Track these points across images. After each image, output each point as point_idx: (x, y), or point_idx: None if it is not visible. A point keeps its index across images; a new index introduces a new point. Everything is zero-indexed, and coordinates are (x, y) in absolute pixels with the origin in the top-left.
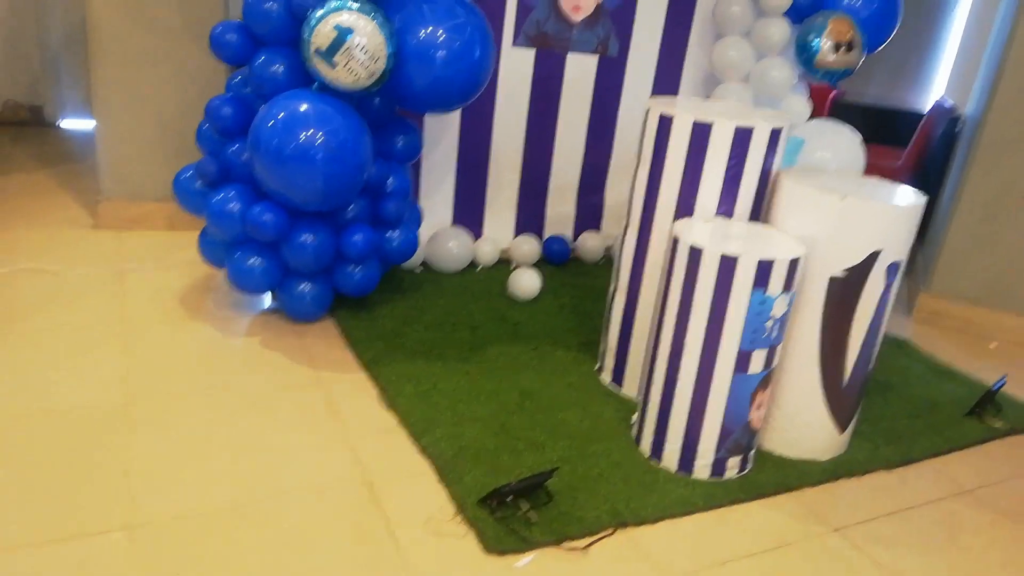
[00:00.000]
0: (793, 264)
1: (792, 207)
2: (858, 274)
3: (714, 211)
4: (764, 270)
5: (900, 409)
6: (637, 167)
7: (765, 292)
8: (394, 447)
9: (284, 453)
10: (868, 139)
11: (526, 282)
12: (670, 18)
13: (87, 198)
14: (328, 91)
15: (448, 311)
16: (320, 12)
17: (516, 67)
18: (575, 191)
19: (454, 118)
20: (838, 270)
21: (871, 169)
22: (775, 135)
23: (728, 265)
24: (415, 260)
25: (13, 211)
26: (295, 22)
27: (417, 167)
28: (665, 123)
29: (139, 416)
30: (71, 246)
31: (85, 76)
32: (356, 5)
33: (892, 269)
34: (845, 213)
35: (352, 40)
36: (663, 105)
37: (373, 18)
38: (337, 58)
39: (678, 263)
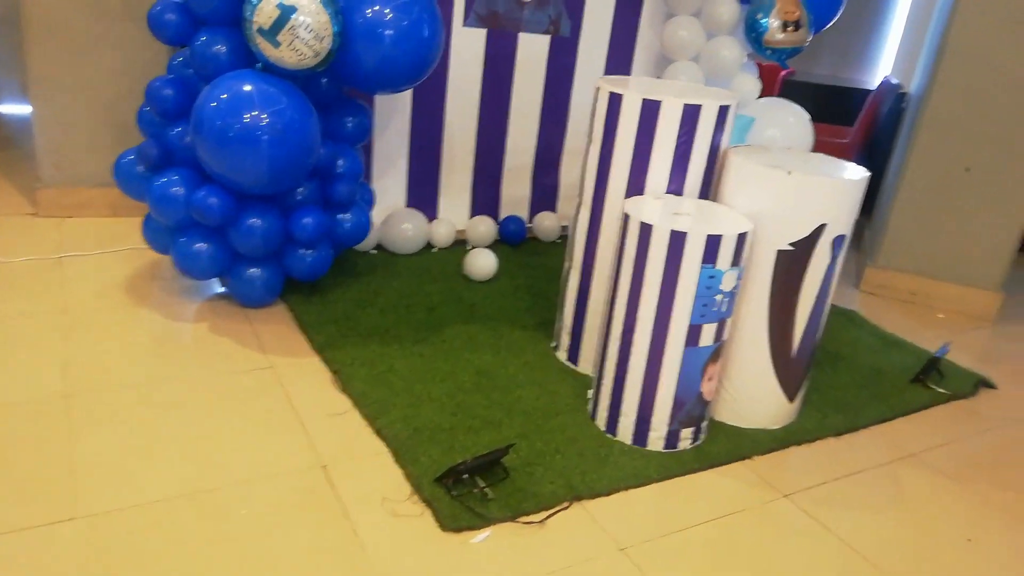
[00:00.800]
0: (741, 238)
1: (740, 183)
2: (804, 247)
3: (664, 189)
4: (713, 245)
5: (848, 378)
6: (588, 146)
7: (714, 267)
8: (348, 430)
9: (235, 440)
10: (817, 117)
11: (482, 262)
12: None
13: (26, 185)
14: (273, 71)
15: (403, 293)
16: None
17: (467, 47)
18: (530, 172)
19: (405, 99)
20: (785, 244)
21: (820, 146)
22: (723, 112)
23: (678, 240)
24: (369, 242)
25: None
26: (237, 0)
27: (369, 149)
28: (615, 101)
29: (83, 407)
30: (10, 234)
31: (21, 59)
32: None
33: (837, 242)
34: (791, 188)
35: (296, 18)
36: (613, 84)
37: None
38: (281, 37)
39: (629, 240)
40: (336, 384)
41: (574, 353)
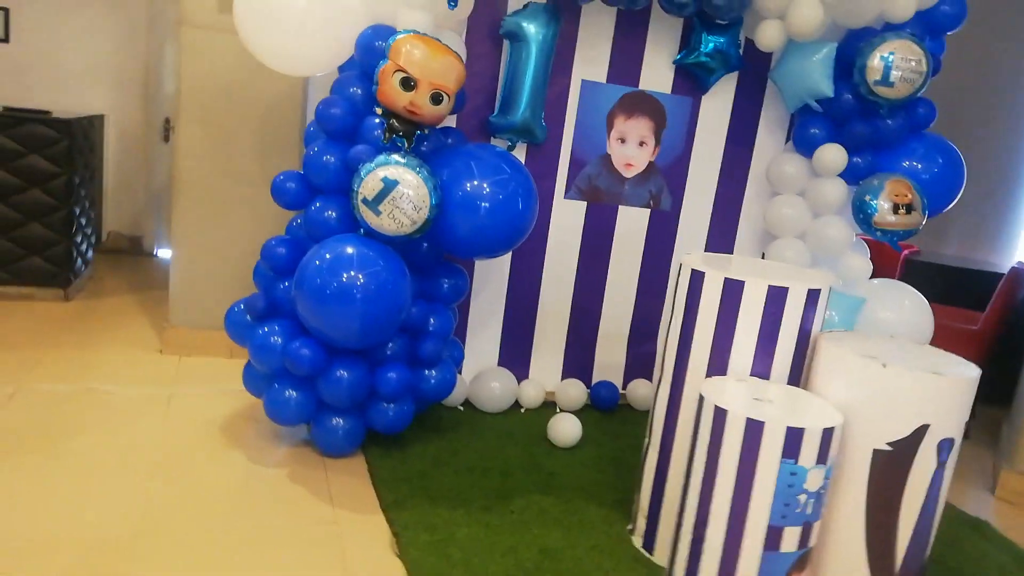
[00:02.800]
0: (828, 433)
1: (831, 372)
2: (905, 449)
3: (748, 371)
4: (794, 438)
5: None
6: (670, 320)
7: (796, 462)
8: None
9: None
10: (945, 301)
11: (565, 428)
12: (724, 175)
13: (159, 324)
14: (374, 236)
15: (482, 454)
16: (369, 165)
17: (567, 218)
18: (626, 340)
19: (504, 263)
20: (882, 443)
21: (948, 332)
22: (813, 295)
23: (755, 430)
24: (457, 398)
25: (93, 332)
26: (349, 174)
27: (465, 308)
28: (697, 279)
29: (148, 548)
30: (133, 367)
31: (169, 213)
32: (403, 160)
33: (944, 446)
34: (887, 382)
35: (397, 191)
36: (696, 261)
37: (418, 172)
38: (382, 207)
39: (704, 424)
40: (394, 548)
41: (650, 539)
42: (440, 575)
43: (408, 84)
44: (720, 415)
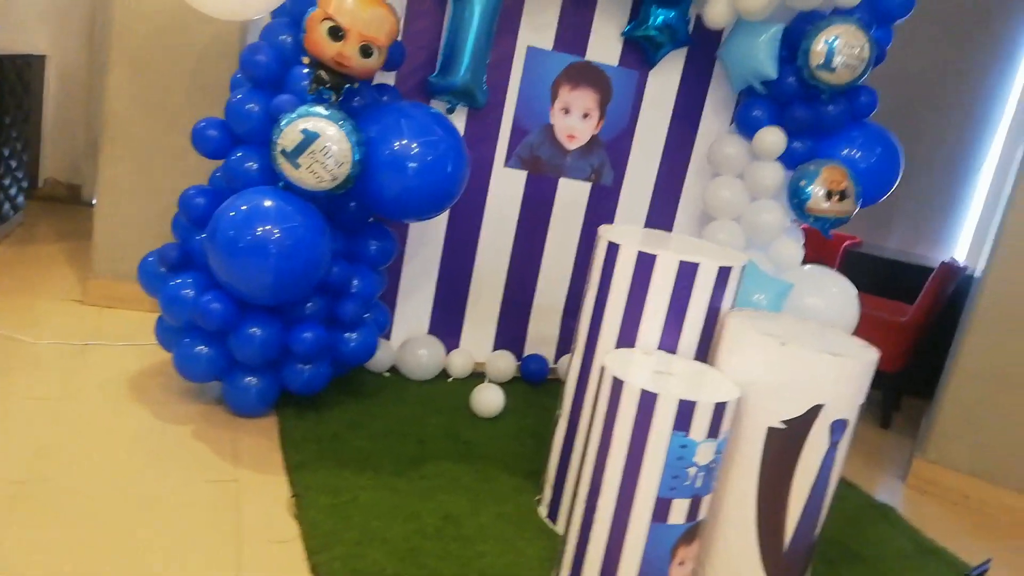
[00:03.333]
0: (720, 408)
1: (733, 349)
2: (798, 428)
3: (656, 344)
4: (686, 411)
5: None
6: (586, 293)
7: (687, 435)
8: (284, 561)
9: (165, 550)
10: (879, 292)
11: (487, 398)
12: (667, 154)
13: (82, 274)
14: (294, 190)
15: (401, 420)
16: (290, 116)
17: (507, 187)
18: (560, 314)
19: (439, 229)
20: (777, 421)
21: (876, 322)
22: (723, 273)
23: (648, 401)
24: (383, 364)
25: (14, 279)
26: (272, 123)
27: (396, 272)
28: (612, 251)
29: (37, 496)
30: (50, 317)
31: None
32: (326, 112)
33: (838, 427)
34: (785, 361)
35: (318, 144)
36: (614, 233)
37: (341, 126)
38: (302, 160)
39: (602, 394)
40: (291, 509)
41: (554, 509)
42: (336, 537)
43: (336, 34)
44: (617, 386)
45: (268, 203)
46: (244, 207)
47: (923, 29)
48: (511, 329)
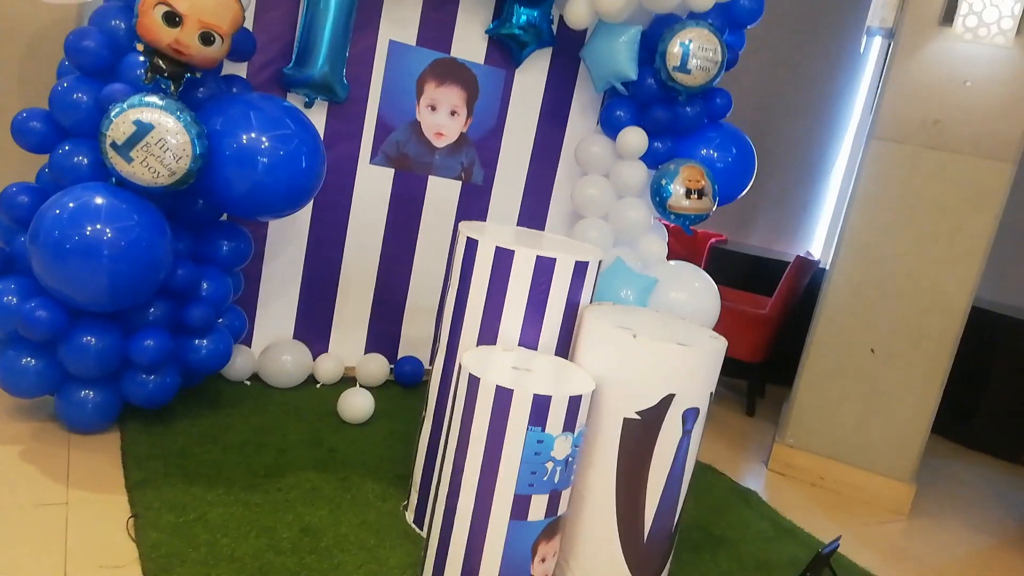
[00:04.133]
0: (575, 401)
1: (589, 343)
2: (652, 418)
3: (517, 341)
4: (541, 406)
5: (727, 568)
6: (447, 290)
7: (543, 430)
8: None
9: None
10: (742, 286)
11: (355, 403)
12: (537, 153)
13: None
14: (128, 187)
15: (259, 430)
16: (121, 106)
17: (373, 184)
18: (434, 314)
19: (302, 227)
20: (632, 412)
21: (739, 315)
22: (580, 267)
23: (504, 397)
24: (243, 372)
25: None
26: (102, 115)
27: (256, 274)
28: (471, 247)
29: None
30: None
31: None
32: (161, 102)
33: (689, 415)
34: (637, 353)
35: (153, 136)
36: (474, 229)
37: (179, 117)
38: (134, 153)
39: (460, 392)
40: (129, 530)
41: (420, 514)
42: (179, 558)
43: (172, 19)
44: (474, 384)
45: (98, 200)
46: (71, 204)
47: (775, 35)
48: (383, 331)
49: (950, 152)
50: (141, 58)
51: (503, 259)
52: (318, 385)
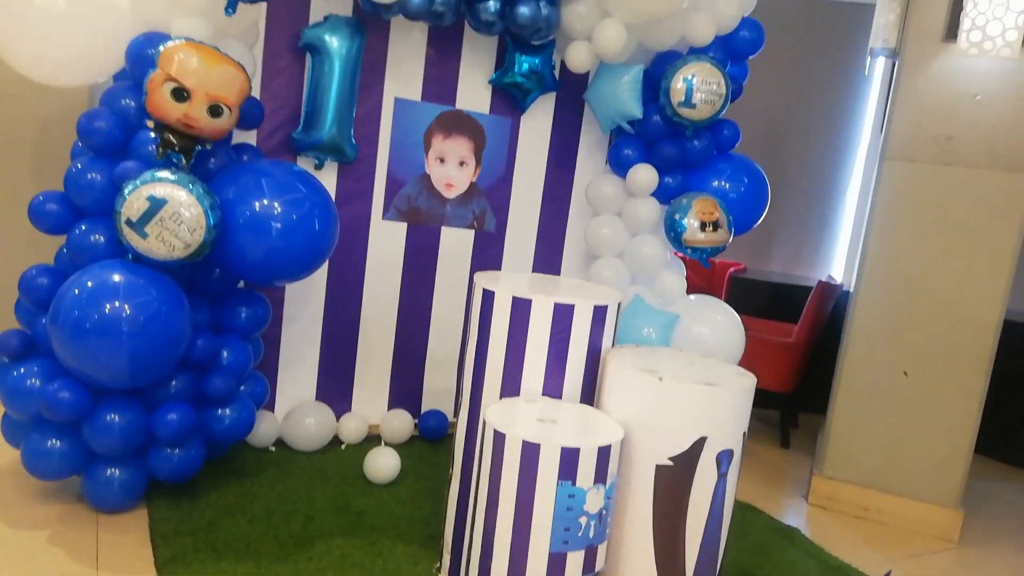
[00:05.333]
0: (604, 452)
1: (615, 388)
2: (685, 463)
3: (540, 390)
4: (570, 458)
5: None
6: (466, 343)
7: (574, 484)
8: None
9: None
10: (765, 315)
11: (380, 463)
12: (547, 196)
13: None
14: (144, 262)
15: (286, 498)
16: (134, 183)
17: (387, 240)
18: (455, 365)
19: (319, 288)
20: (664, 458)
21: (765, 344)
22: (600, 312)
23: (531, 452)
24: (266, 438)
25: None
26: (116, 193)
27: (276, 338)
28: (488, 298)
29: None
30: None
31: None
32: (173, 176)
33: (723, 457)
34: (664, 396)
35: (166, 210)
36: (487, 280)
37: (192, 190)
38: (149, 228)
39: (486, 449)
40: None
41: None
42: None
43: (180, 95)
44: (499, 439)
45: (116, 277)
46: (89, 283)
47: (779, 61)
48: (405, 386)
49: (966, 167)
50: (152, 134)
51: (521, 309)
52: (343, 446)
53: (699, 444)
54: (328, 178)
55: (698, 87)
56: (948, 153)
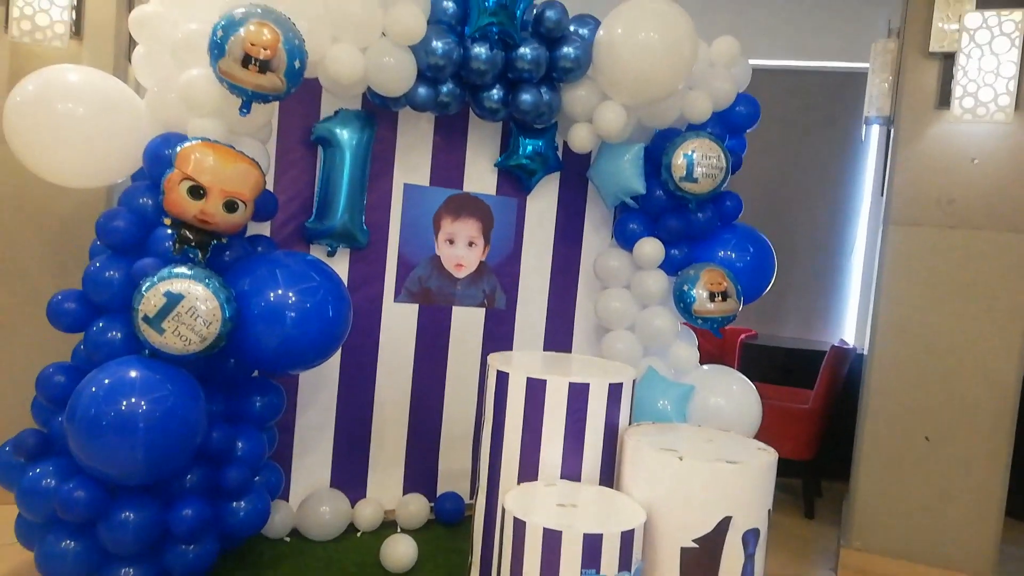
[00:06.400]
0: (627, 537)
1: (635, 469)
2: (711, 545)
3: (559, 473)
4: (592, 545)
5: None
6: (481, 424)
7: (598, 572)
8: None
9: None
10: (780, 381)
11: (397, 552)
12: (555, 272)
13: None
14: (160, 356)
15: None
16: (151, 279)
17: (399, 322)
18: (470, 445)
19: (332, 374)
20: (688, 540)
21: (782, 412)
22: (615, 390)
23: (553, 540)
24: (282, 529)
25: None
26: (133, 289)
27: (290, 426)
28: (503, 380)
29: None
30: None
31: None
32: (189, 272)
33: (750, 538)
34: (685, 476)
35: (183, 305)
36: (501, 361)
37: (207, 284)
38: (166, 324)
39: (506, 537)
40: None
41: None
42: None
43: (197, 192)
44: (519, 527)
45: (132, 374)
46: (106, 381)
47: (776, 133)
48: (421, 468)
49: (970, 229)
50: (169, 231)
51: (536, 389)
52: (359, 534)
53: (724, 524)
54: (340, 264)
55: (698, 162)
56: (951, 216)
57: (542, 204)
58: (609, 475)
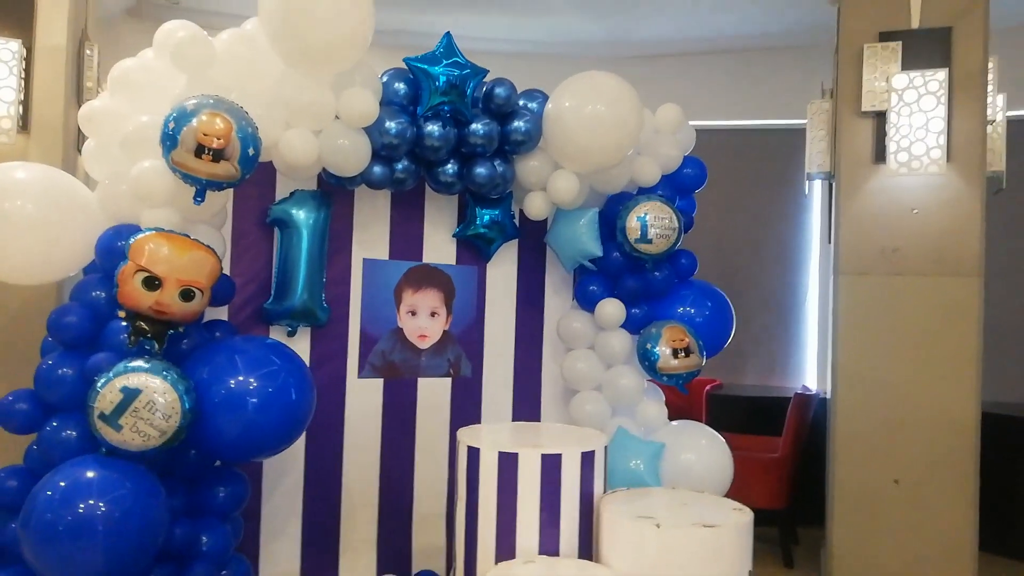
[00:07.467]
0: None
1: (613, 539)
2: None
3: (536, 547)
4: None
5: None
6: (454, 502)
7: None
8: None
9: None
10: (747, 430)
11: None
12: (519, 338)
13: None
14: (118, 454)
15: None
16: (106, 375)
17: (364, 398)
18: (443, 518)
19: (297, 458)
20: None
21: (751, 461)
22: (587, 458)
23: None
24: None
25: None
26: (89, 385)
27: (255, 514)
28: (474, 456)
29: None
30: None
31: None
32: (146, 365)
33: None
34: (665, 543)
35: (141, 399)
36: (470, 435)
37: (165, 376)
38: (124, 420)
39: None
40: None
41: None
42: None
43: (152, 283)
44: None
45: (89, 474)
46: (61, 483)
47: (725, 190)
48: (393, 548)
49: (916, 276)
50: (123, 323)
51: (508, 463)
52: None
53: None
54: (302, 343)
55: (652, 223)
56: (897, 263)
57: (502, 271)
58: (587, 546)
